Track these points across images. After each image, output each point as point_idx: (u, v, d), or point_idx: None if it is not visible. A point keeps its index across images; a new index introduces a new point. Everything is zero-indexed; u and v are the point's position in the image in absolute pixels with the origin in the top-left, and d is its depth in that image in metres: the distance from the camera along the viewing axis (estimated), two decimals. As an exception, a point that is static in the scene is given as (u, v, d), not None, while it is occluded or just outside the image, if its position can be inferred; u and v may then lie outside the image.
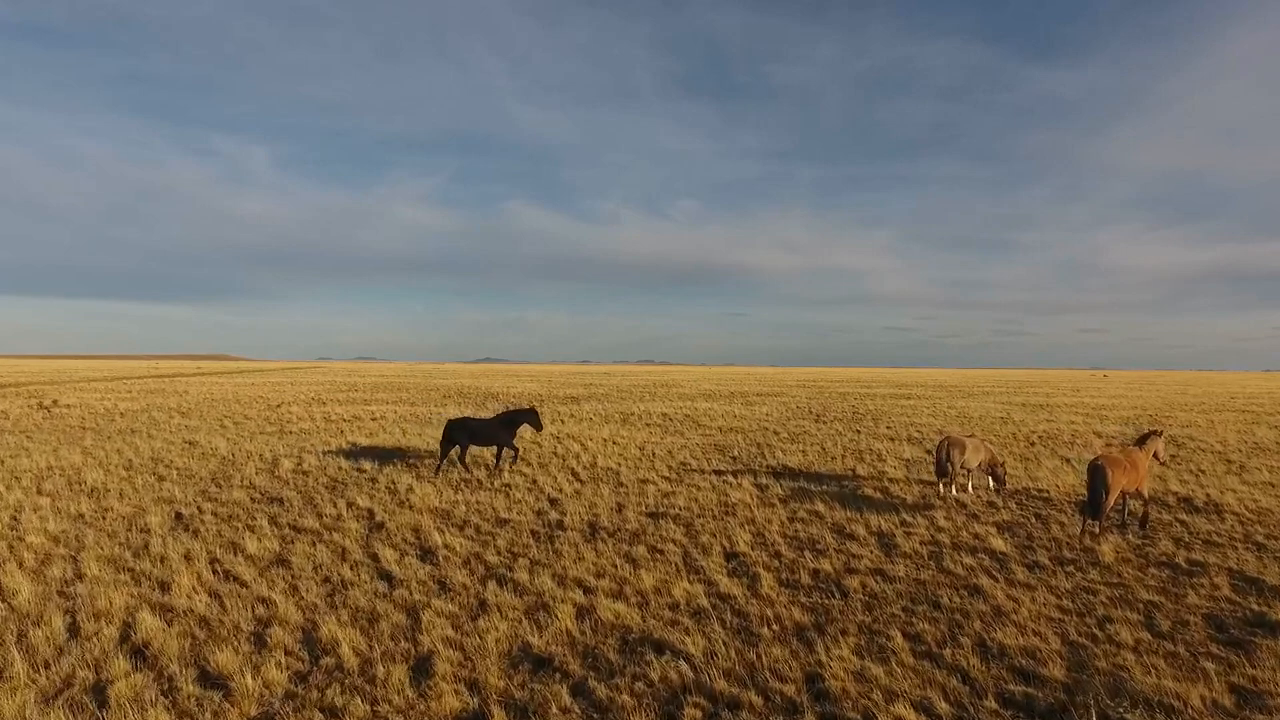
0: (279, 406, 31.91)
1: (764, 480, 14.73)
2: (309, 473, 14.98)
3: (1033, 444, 22.03)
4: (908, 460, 18.16)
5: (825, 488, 14.06)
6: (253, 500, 12.29)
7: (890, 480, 15.09)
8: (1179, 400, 48.63)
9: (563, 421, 27.45)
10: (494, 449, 16.24)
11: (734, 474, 15.63)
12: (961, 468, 13.48)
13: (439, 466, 15.33)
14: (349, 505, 11.95)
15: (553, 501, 12.55)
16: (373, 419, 27.35)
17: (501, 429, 15.67)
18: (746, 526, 10.79)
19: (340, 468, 15.60)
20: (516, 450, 16.24)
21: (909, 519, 11.34)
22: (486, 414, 30.30)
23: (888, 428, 27.02)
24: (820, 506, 12.17)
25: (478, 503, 12.34)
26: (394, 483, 13.96)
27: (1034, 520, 11.40)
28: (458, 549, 9.42)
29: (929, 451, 20.03)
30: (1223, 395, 57.30)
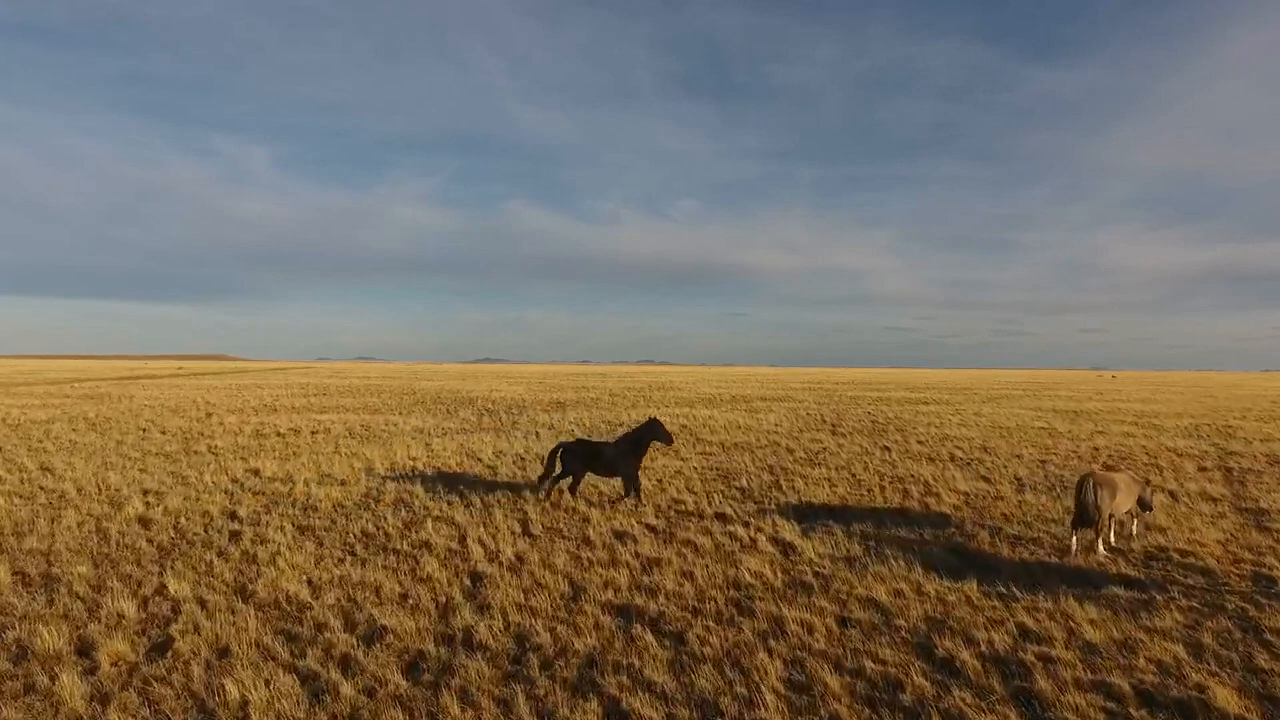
0: (210, 416, 27.65)
1: (786, 533, 10.55)
2: (153, 522, 10.77)
3: (1110, 469, 17.80)
4: (966, 494, 13.97)
5: (874, 544, 9.86)
6: (17, 581, 8.07)
7: (957, 530, 10.88)
8: (1219, 405, 44.38)
9: (536, 435, 23.22)
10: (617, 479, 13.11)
11: (744, 520, 11.45)
12: (1109, 517, 9.51)
13: (545, 493, 12.68)
14: (154, 594, 7.72)
15: (475, 580, 8.35)
16: (313, 432, 23.14)
17: (621, 455, 12.49)
18: (774, 642, 6.57)
19: (205, 513, 11.39)
20: (637, 486, 12.71)
21: (1031, 623, 7.11)
22: (454, 423, 26.07)
23: (919, 443, 22.82)
24: (881, 592, 7.96)
25: (361, 583, 8.15)
26: (261, 542, 9.76)
27: (1235, 628, 7.12)
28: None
29: (986, 479, 15.86)
30: (1259, 398, 53.10)
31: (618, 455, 12.49)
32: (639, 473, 13.03)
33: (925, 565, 9.03)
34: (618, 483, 14.28)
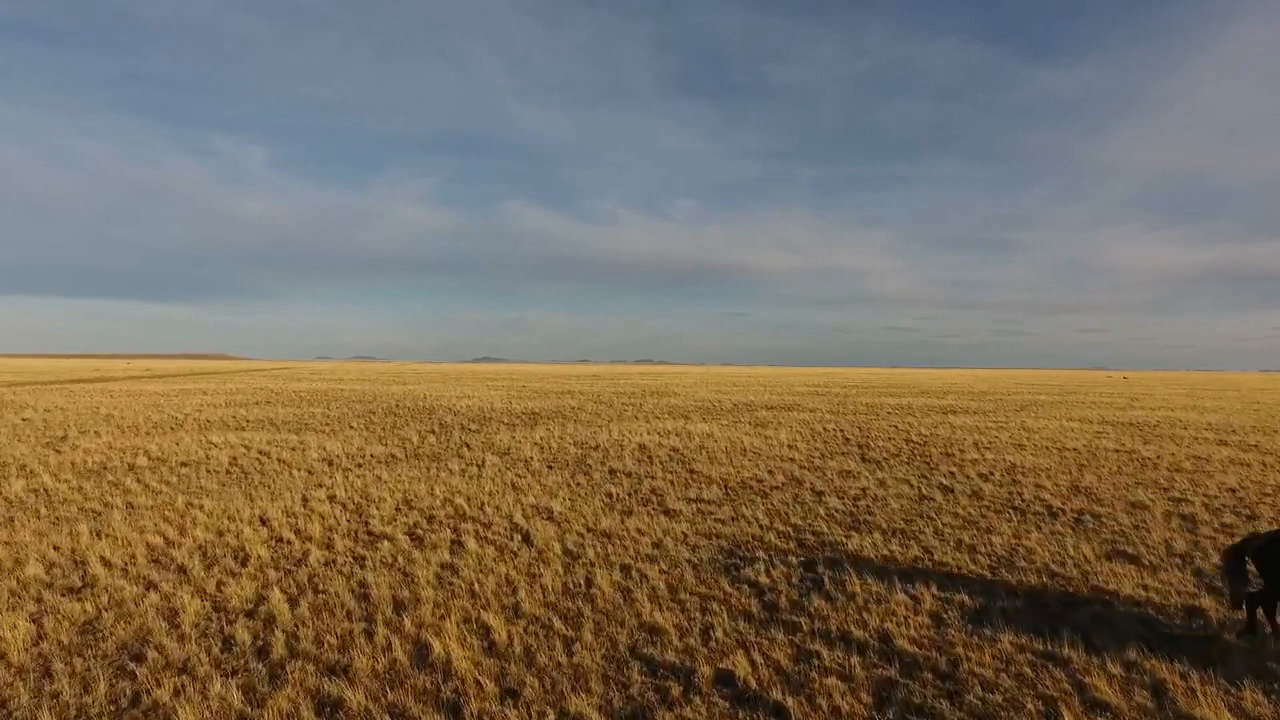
0: (66, 438, 21.78)
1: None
2: None
3: (1293, 530, 12.10)
4: (1129, 599, 8.30)
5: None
6: None
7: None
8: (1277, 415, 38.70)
9: (478, 469, 17.49)
10: None
11: (774, 701, 5.77)
12: None
13: (1243, 628, 7.32)
14: None
15: None
16: (183, 464, 17.41)
17: None
18: None
19: None
20: None
21: None
22: (385, 447, 20.05)
23: (983, 477, 17.17)
24: None
25: None
26: None
27: None
28: None
29: (1127, 554, 10.20)
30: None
31: None
32: None
33: None
34: (537, 601, 8.61)
